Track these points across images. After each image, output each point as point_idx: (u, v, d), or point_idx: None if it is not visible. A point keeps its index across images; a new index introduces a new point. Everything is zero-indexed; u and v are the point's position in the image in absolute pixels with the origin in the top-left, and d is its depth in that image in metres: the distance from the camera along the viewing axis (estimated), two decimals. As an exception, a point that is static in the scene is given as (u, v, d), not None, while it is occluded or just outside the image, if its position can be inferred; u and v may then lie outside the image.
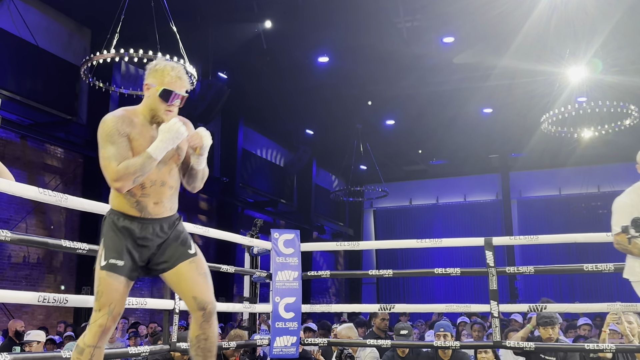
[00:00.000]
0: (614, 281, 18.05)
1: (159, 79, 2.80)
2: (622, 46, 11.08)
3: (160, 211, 2.84)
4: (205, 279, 2.88)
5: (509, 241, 5.88)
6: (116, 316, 2.78)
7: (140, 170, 2.69)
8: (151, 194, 2.81)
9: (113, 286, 2.76)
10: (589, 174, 17.02)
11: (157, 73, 2.81)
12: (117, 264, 2.75)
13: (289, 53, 12.65)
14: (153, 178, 2.79)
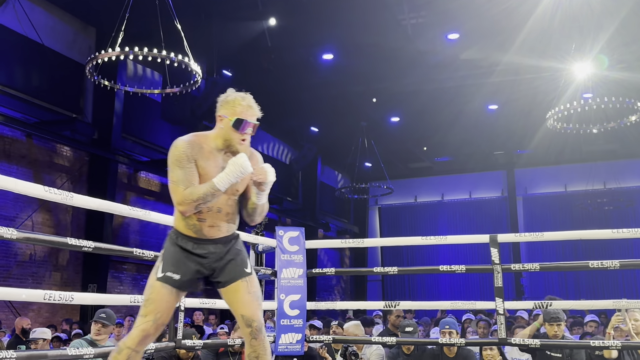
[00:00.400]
0: (620, 278, 18.01)
1: (231, 109, 2.97)
2: (628, 42, 11.03)
3: (215, 233, 2.97)
4: (253, 297, 2.98)
5: (515, 238, 5.88)
6: (159, 325, 2.91)
7: (203, 199, 2.84)
8: (207, 219, 2.95)
9: (164, 297, 2.92)
10: (594, 170, 16.95)
11: (228, 104, 2.99)
12: (172, 277, 2.92)
13: (294, 50, 12.64)
14: (210, 205, 2.93)
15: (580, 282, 18.68)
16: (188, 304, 4.56)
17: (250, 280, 3.01)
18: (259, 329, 2.92)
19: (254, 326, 2.93)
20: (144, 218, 4.36)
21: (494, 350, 5.17)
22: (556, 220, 19.12)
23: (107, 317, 4.60)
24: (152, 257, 4.27)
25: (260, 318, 2.96)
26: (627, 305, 4.74)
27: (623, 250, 16.80)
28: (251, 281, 3.01)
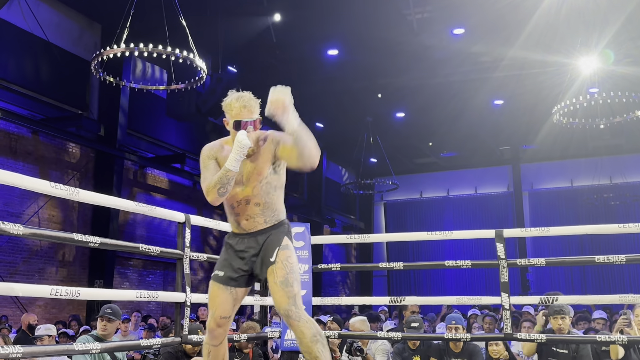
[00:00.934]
0: (626, 273, 17.96)
1: (229, 113, 3.11)
2: (634, 37, 10.98)
3: (252, 226, 3.14)
4: (278, 287, 3.02)
5: (520, 233, 5.85)
6: (218, 318, 3.13)
7: (220, 182, 3.01)
8: (241, 212, 3.14)
9: (214, 293, 3.17)
10: (600, 165, 16.89)
11: (227, 108, 3.12)
12: (217, 274, 3.18)
13: (299, 46, 12.63)
14: (239, 198, 3.12)
15: (587, 277, 18.64)
16: (195, 299, 4.58)
17: (275, 269, 3.04)
18: (288, 315, 2.97)
19: (282, 314, 3.02)
20: (149, 214, 4.37)
21: (499, 345, 5.17)
22: (562, 215, 19.07)
23: (113, 312, 4.62)
24: (157, 252, 4.28)
25: (287, 305, 2.97)
26: (633, 300, 4.72)
27: (629, 245, 16.74)
28: (276, 269, 3.04)
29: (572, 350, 4.80)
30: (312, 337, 2.94)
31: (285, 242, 3.14)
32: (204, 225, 4.99)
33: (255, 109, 3.13)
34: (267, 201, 3.15)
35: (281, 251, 3.09)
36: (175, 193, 14.06)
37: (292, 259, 3.10)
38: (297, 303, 2.99)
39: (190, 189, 14.54)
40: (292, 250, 3.15)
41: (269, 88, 3.17)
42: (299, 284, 3.09)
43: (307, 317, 2.99)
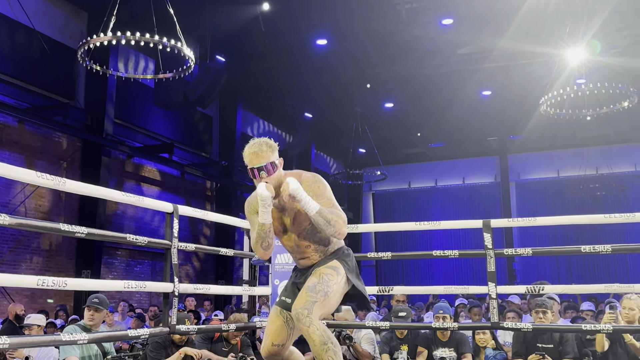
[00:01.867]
0: (612, 262, 18.15)
1: (245, 162, 3.15)
2: (621, 28, 11.03)
3: (309, 263, 3.27)
4: (302, 291, 3.07)
5: (507, 223, 5.90)
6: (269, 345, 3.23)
7: (260, 237, 3.14)
8: (297, 255, 3.30)
9: (271, 319, 3.30)
10: (587, 156, 17.01)
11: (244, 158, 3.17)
12: (280, 298, 3.35)
13: (287, 36, 12.57)
14: (289, 245, 3.29)
15: (572, 267, 18.82)
16: (183, 290, 4.57)
17: (310, 278, 3.11)
18: (297, 318, 2.96)
19: (294, 317, 3.01)
20: (137, 204, 4.35)
21: (486, 334, 5.22)
22: (549, 205, 19.21)
23: (100, 302, 4.61)
24: (145, 243, 4.26)
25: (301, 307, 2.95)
26: (618, 289, 4.78)
27: (615, 235, 16.91)
28: (310, 278, 3.11)
29: (557, 344, 4.84)
30: (321, 344, 2.90)
31: (333, 263, 3.17)
32: (192, 216, 4.98)
33: (266, 154, 3.09)
34: (317, 241, 3.22)
35: (324, 267, 3.14)
36: (164, 183, 14.01)
37: (332, 276, 3.10)
38: (312, 309, 2.94)
39: (178, 179, 14.49)
40: (340, 272, 3.14)
41: (258, 77, 3.18)
42: (327, 298, 3.03)
43: (318, 324, 2.93)
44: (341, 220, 3.09)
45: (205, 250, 5.44)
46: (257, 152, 3.08)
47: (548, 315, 5.03)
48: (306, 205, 3.04)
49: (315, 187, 3.15)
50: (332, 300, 3.07)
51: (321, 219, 3.05)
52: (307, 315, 2.92)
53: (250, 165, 3.09)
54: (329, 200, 3.15)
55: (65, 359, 4.30)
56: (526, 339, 4.92)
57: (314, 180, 3.19)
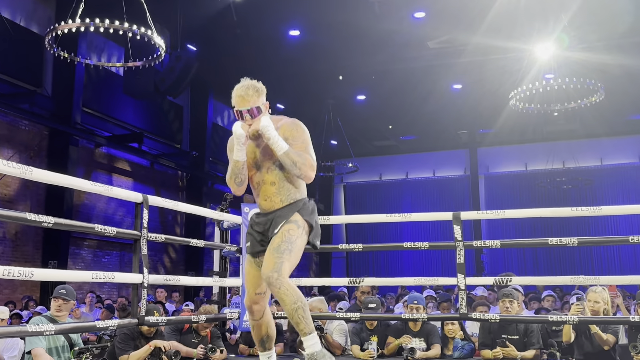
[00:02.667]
0: (577, 255, 18.53)
1: (232, 102, 3.28)
2: (589, 23, 11.20)
3: (270, 206, 3.29)
4: (269, 253, 3.14)
5: (477, 215, 5.98)
6: (253, 295, 3.34)
7: (233, 173, 3.27)
8: (260, 194, 3.32)
9: (247, 270, 3.40)
10: (554, 150, 17.30)
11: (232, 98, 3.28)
12: (247, 246, 3.41)
13: (260, 26, 12.48)
14: (256, 180, 3.32)
15: (539, 259, 19.16)
16: (152, 281, 4.53)
17: (275, 238, 3.17)
18: (269, 281, 3.04)
19: (265, 281, 3.09)
20: (105, 194, 4.30)
21: (455, 324, 5.28)
22: (516, 198, 19.50)
23: (67, 292, 4.54)
24: (114, 233, 4.21)
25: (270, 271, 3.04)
26: (584, 281, 4.88)
27: (580, 228, 17.26)
28: (274, 238, 3.17)
29: (522, 335, 4.93)
30: (292, 304, 3.00)
31: (295, 217, 3.23)
32: (162, 206, 4.94)
33: (252, 98, 3.22)
34: (282, 180, 3.26)
35: (286, 224, 3.20)
36: (133, 173, 13.83)
37: (294, 231, 3.19)
38: (281, 270, 3.04)
39: (147, 169, 14.32)
40: (300, 225, 3.23)
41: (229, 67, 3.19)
42: (292, 255, 3.13)
43: (288, 284, 3.04)
44: (308, 164, 3.19)
45: (176, 241, 5.41)
46: (243, 95, 3.22)
47: (514, 305, 5.12)
48: (274, 144, 3.15)
49: (293, 130, 3.26)
50: (297, 255, 3.18)
51: (288, 160, 3.15)
52: (277, 277, 3.01)
53: (237, 107, 3.22)
54: (302, 144, 3.23)
55: (31, 350, 4.23)
56: (492, 330, 5.00)
57: (293, 123, 3.31)
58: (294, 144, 3.20)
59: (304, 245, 3.27)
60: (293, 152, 3.16)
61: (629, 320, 4.60)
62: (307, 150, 3.23)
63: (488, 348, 4.95)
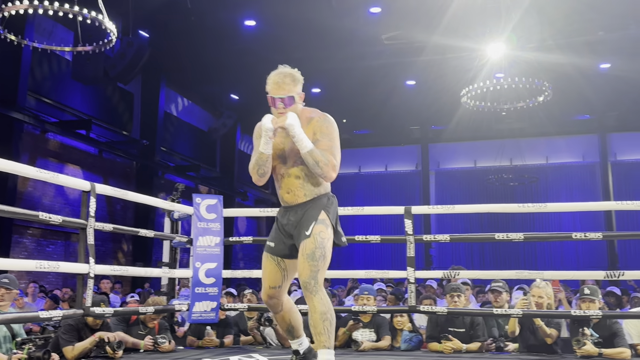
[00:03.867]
0: (522, 250, 19.07)
1: (267, 87, 3.30)
2: (538, 23, 11.47)
3: (294, 199, 3.29)
4: (304, 259, 3.14)
5: (428, 210, 6.07)
6: (268, 289, 3.36)
7: (257, 164, 3.24)
8: (283, 186, 3.31)
9: (264, 264, 3.40)
10: (502, 147, 17.73)
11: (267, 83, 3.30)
12: (269, 245, 3.40)
13: (215, 14, 12.32)
14: (281, 172, 3.30)
15: (485, 253, 19.63)
16: (98, 271, 4.43)
17: (307, 242, 3.17)
18: (306, 287, 3.09)
19: (302, 286, 3.12)
20: (51, 181, 4.18)
21: (404, 317, 5.36)
22: (465, 194, 19.91)
23: (10, 282, 4.40)
24: (59, 222, 4.10)
25: (308, 277, 3.09)
26: (529, 275, 5.02)
27: (525, 224, 17.77)
28: (307, 243, 3.17)
29: (468, 328, 5.04)
30: (322, 314, 3.05)
31: (322, 216, 3.24)
32: (110, 195, 4.83)
33: (288, 86, 3.26)
34: (307, 174, 3.25)
35: (317, 225, 3.20)
36: (80, 160, 13.46)
37: (325, 233, 3.21)
38: (318, 278, 3.09)
39: (95, 157, 13.97)
40: (328, 225, 3.25)
41: (183, 56, 3.13)
42: (325, 261, 3.17)
43: (323, 293, 3.09)
44: (331, 165, 3.19)
45: (124, 231, 5.29)
46: (279, 82, 3.26)
47: (462, 299, 5.23)
48: (299, 142, 3.14)
49: (323, 127, 3.28)
50: (329, 257, 3.23)
51: (310, 159, 3.15)
52: (314, 285, 3.07)
53: (271, 94, 3.25)
54: (329, 142, 3.24)
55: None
56: (439, 323, 5.09)
57: (324, 119, 3.33)
58: (321, 141, 3.20)
59: (331, 245, 3.29)
60: (317, 152, 3.15)
61: (571, 314, 4.76)
62: (331, 150, 3.22)
63: (435, 340, 5.04)
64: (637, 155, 18.94)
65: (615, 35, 12.65)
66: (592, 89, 15.26)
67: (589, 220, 18.17)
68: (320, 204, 3.29)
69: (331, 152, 3.21)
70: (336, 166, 3.22)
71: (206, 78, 15.64)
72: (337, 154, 3.25)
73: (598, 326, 4.61)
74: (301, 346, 3.48)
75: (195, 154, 17.40)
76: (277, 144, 3.26)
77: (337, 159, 3.23)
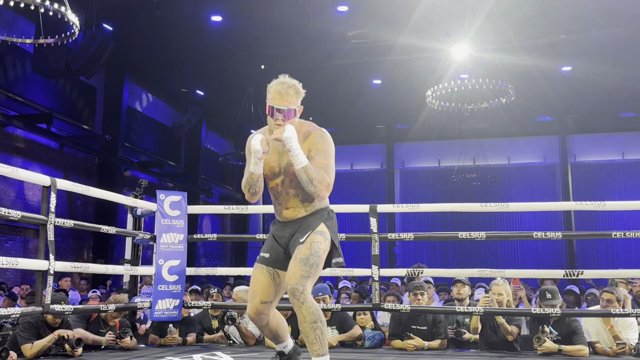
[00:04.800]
0: (483, 249, 19.39)
1: (268, 94, 3.16)
2: (500, 25, 11.64)
3: (293, 215, 3.23)
4: (296, 263, 3.06)
5: (393, 209, 6.11)
6: (258, 303, 3.23)
7: (248, 184, 3.20)
8: (282, 203, 3.25)
9: (256, 277, 3.28)
10: (466, 147, 17.95)
11: (268, 89, 3.18)
12: (263, 256, 3.31)
13: (181, 9, 12.17)
14: (279, 190, 3.24)
15: (448, 252, 19.88)
16: (58, 268, 4.35)
17: (301, 248, 3.08)
18: (293, 293, 2.98)
19: (288, 291, 3.02)
20: (11, 176, 4.08)
21: (367, 314, 5.39)
22: (429, 193, 20.13)
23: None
24: (19, 217, 4.01)
25: (295, 283, 2.99)
26: (490, 274, 5.11)
27: (487, 223, 18.06)
28: (302, 248, 3.08)
29: (430, 325, 5.11)
30: (312, 322, 2.97)
31: (321, 228, 3.16)
32: (71, 190, 4.74)
33: (291, 98, 3.13)
34: (303, 192, 3.16)
35: (313, 234, 3.12)
36: (40, 155, 13.16)
37: (322, 245, 3.11)
38: (306, 285, 3.00)
39: (56, 152, 13.67)
40: (326, 237, 3.15)
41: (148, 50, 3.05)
42: (317, 270, 3.08)
43: (312, 301, 3.00)
44: (325, 184, 3.10)
45: (85, 227, 5.17)
46: (282, 93, 3.14)
47: (425, 297, 5.29)
48: (294, 157, 3.04)
49: (319, 143, 3.19)
50: (320, 268, 3.15)
51: (304, 175, 3.05)
52: (302, 291, 2.98)
53: (271, 103, 3.13)
54: (324, 160, 3.15)
55: None
56: (402, 320, 5.14)
57: (321, 136, 3.24)
58: (316, 158, 3.12)
59: (325, 258, 3.19)
60: (311, 169, 3.05)
61: (531, 312, 4.86)
62: (326, 168, 3.13)
63: (398, 338, 5.08)
64: (596, 156, 19.42)
65: (577, 38, 12.92)
66: (554, 91, 15.58)
67: (549, 220, 18.57)
68: (320, 216, 3.22)
69: (326, 170, 3.12)
70: (330, 185, 3.13)
71: (171, 73, 15.45)
72: (332, 172, 3.17)
73: (557, 324, 4.71)
74: (286, 348, 3.44)
75: (160, 150, 17.18)
76: (272, 161, 3.20)
77: (331, 178, 3.15)
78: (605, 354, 4.68)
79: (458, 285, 5.46)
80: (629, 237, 4.81)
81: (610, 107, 17.54)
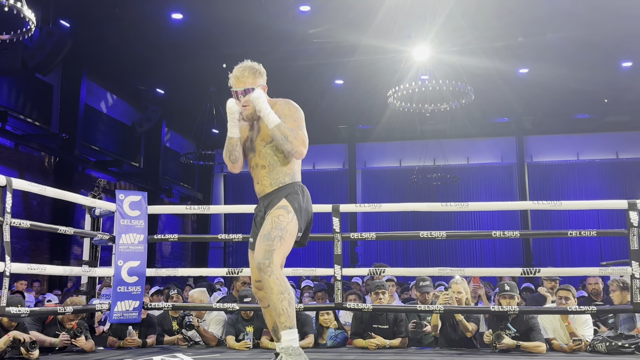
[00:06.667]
0: (443, 248, 19.66)
1: (229, 83, 3.36)
2: (459, 28, 11.82)
3: (262, 190, 3.34)
4: (260, 240, 3.15)
5: (355, 208, 6.15)
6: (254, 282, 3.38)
7: (227, 150, 3.34)
8: (254, 177, 3.37)
9: (250, 260, 3.42)
10: (426, 147, 18.17)
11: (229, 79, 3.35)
12: (250, 241, 3.42)
13: (140, 6, 11.99)
14: (251, 164, 3.37)
15: (408, 251, 20.09)
16: (14, 270, 4.24)
17: (265, 224, 3.19)
18: (260, 268, 3.06)
19: (257, 267, 3.10)
20: (-37, 175, 3.95)
21: (330, 314, 5.41)
22: (390, 193, 20.31)
23: None
24: (-28, 218, 3.88)
25: (262, 258, 3.07)
26: (450, 272, 5.18)
27: (447, 222, 18.33)
28: (265, 224, 3.18)
29: (391, 324, 5.16)
30: (279, 293, 3.01)
31: (283, 202, 3.20)
32: (27, 190, 4.62)
33: (247, 79, 3.28)
34: (272, 163, 3.28)
35: (275, 209, 3.18)
36: (-6, 155, 12.80)
37: (284, 217, 3.16)
38: (273, 258, 3.05)
39: (11, 151, 13.31)
40: (289, 210, 3.20)
41: (106, 48, 3.01)
42: (283, 242, 3.12)
43: (279, 273, 3.05)
44: (300, 139, 3.21)
45: (42, 228, 5.04)
46: (238, 76, 3.33)
47: (386, 296, 5.34)
48: (266, 117, 3.19)
49: (286, 109, 3.30)
50: (289, 241, 3.19)
51: (279, 133, 3.16)
52: (269, 265, 3.05)
53: (233, 88, 3.33)
54: (295, 122, 3.25)
55: None
56: (364, 319, 5.18)
57: (286, 103, 3.37)
58: (287, 122, 3.21)
59: (295, 232, 3.24)
60: (285, 126, 3.18)
61: (490, 309, 4.95)
62: (299, 128, 3.24)
63: (360, 337, 5.12)
64: (552, 157, 19.88)
65: (534, 41, 13.20)
66: (511, 93, 15.89)
67: (506, 219, 18.95)
68: (283, 191, 3.28)
69: (299, 129, 3.26)
70: (306, 142, 3.25)
71: (130, 71, 15.21)
72: (305, 132, 3.29)
73: (515, 321, 4.81)
74: None
75: (118, 149, 16.88)
76: (244, 137, 3.35)
77: (305, 135, 3.27)
78: (562, 351, 4.79)
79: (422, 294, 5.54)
80: (584, 236, 4.94)
81: (565, 109, 17.99)
